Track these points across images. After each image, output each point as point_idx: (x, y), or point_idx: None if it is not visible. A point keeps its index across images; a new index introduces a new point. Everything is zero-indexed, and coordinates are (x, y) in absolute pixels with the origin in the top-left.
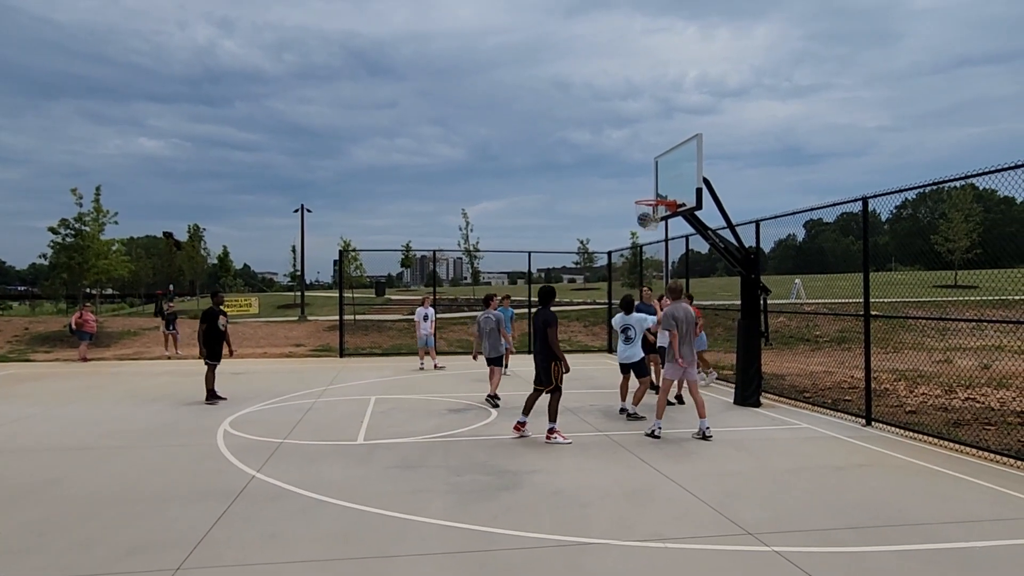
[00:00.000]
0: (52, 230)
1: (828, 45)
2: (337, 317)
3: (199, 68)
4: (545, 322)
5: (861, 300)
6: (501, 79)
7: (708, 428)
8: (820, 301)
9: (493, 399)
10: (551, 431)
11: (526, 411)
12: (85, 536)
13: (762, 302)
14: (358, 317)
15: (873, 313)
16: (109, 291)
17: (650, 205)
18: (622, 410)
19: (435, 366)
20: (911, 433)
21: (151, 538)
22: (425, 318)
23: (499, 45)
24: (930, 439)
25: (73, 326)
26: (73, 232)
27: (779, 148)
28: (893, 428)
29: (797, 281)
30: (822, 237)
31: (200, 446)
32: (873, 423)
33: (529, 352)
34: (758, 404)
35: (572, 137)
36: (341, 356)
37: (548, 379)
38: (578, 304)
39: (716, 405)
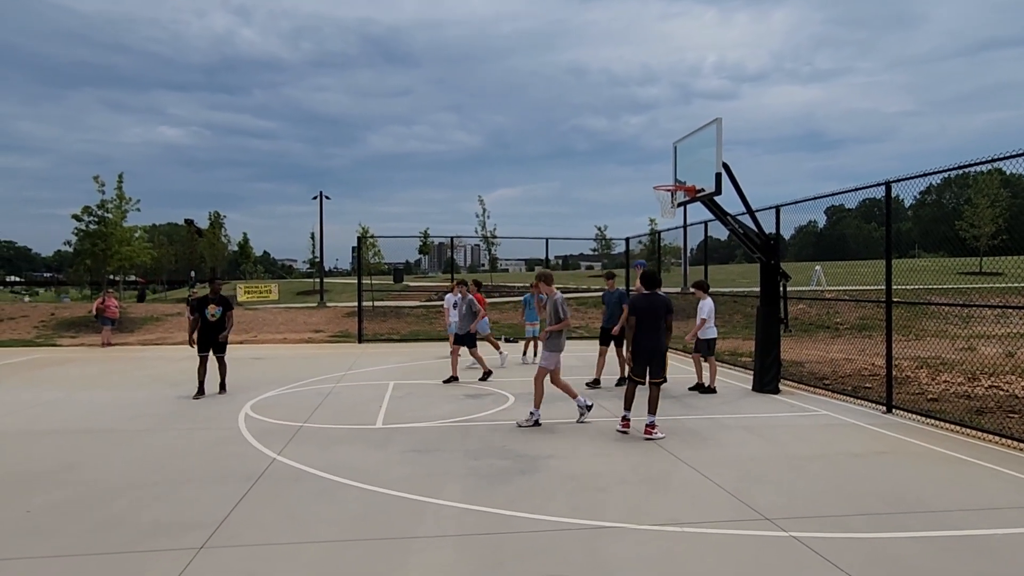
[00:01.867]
0: (76, 217)
1: (849, 29)
2: (356, 303)
3: (217, 56)
4: (667, 309)
5: (883, 287)
6: (516, 66)
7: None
8: (841, 288)
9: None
10: (653, 425)
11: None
12: (110, 516)
13: (782, 289)
14: (376, 303)
15: (895, 300)
16: (132, 278)
17: (669, 191)
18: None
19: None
20: (933, 421)
21: (174, 518)
22: (454, 305)
23: (514, 31)
24: (952, 427)
25: (95, 311)
26: (96, 219)
27: (799, 134)
28: (914, 415)
29: (817, 268)
30: (843, 223)
31: (222, 429)
32: (894, 410)
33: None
34: (777, 391)
35: (588, 124)
36: (360, 342)
37: (660, 371)
38: (596, 291)
39: (734, 392)
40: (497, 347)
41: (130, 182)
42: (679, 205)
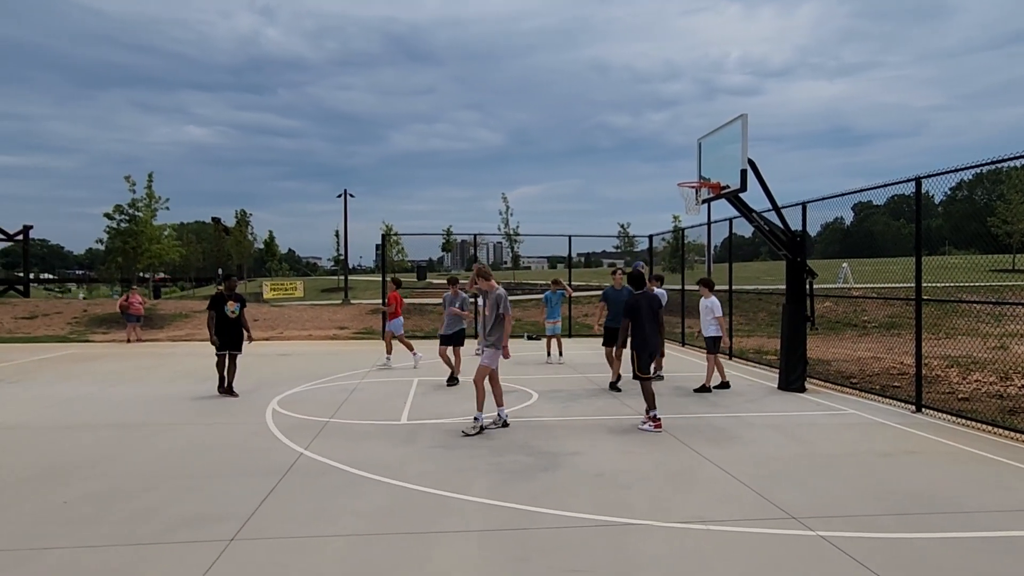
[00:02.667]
0: (108, 216)
1: (876, 22)
2: (380, 300)
3: (242, 57)
4: (660, 305)
5: (912, 284)
6: (538, 63)
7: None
8: (869, 286)
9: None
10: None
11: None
12: (144, 507)
13: (808, 286)
14: None
15: (925, 298)
16: (161, 275)
17: (693, 187)
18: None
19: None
20: (964, 420)
21: (206, 510)
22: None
23: (535, 29)
24: (983, 426)
25: (119, 309)
26: (127, 218)
27: (825, 129)
28: (944, 415)
29: (845, 265)
30: (871, 220)
31: (250, 424)
32: (923, 410)
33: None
34: (803, 389)
35: (611, 121)
36: (383, 339)
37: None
38: None
39: (759, 390)
40: (411, 348)
41: (159, 181)
42: (703, 202)
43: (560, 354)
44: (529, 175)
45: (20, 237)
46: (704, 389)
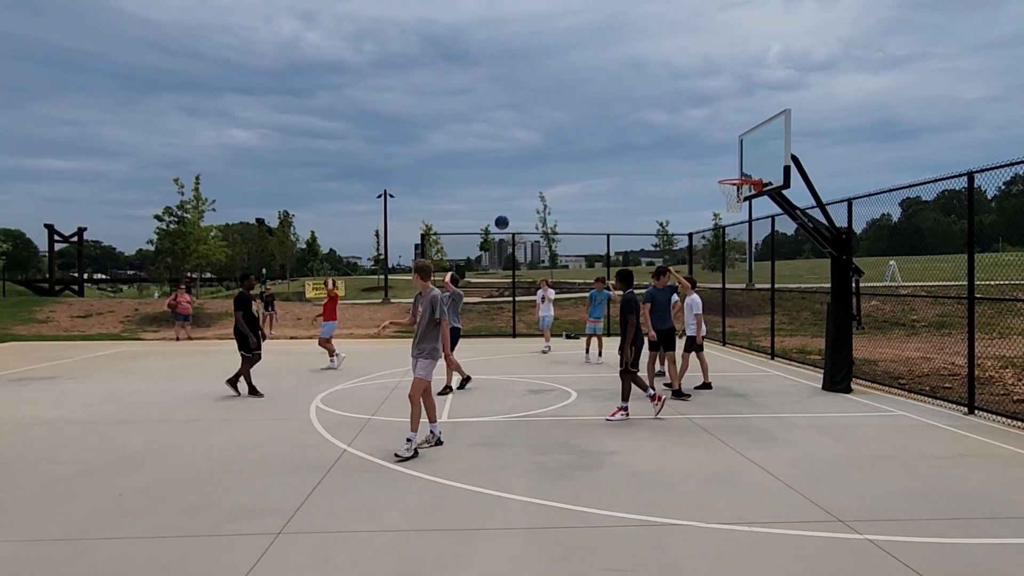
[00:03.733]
0: (158, 217)
1: (924, 12)
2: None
3: (284, 61)
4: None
5: (964, 283)
6: (574, 61)
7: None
8: (917, 284)
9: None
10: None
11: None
12: (194, 500)
13: (854, 285)
14: None
15: (977, 296)
16: (208, 275)
17: (734, 184)
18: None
19: (543, 350)
20: (1019, 423)
21: (253, 504)
22: (543, 299)
23: (571, 27)
24: None
25: (168, 308)
26: (176, 219)
27: (870, 123)
28: (998, 417)
29: (892, 263)
30: (920, 216)
31: (294, 420)
32: (976, 412)
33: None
34: (849, 390)
35: (648, 118)
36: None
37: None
38: None
39: (803, 391)
40: (333, 352)
41: (205, 183)
42: (745, 199)
43: (600, 354)
44: (566, 174)
45: (75, 239)
46: (681, 393)
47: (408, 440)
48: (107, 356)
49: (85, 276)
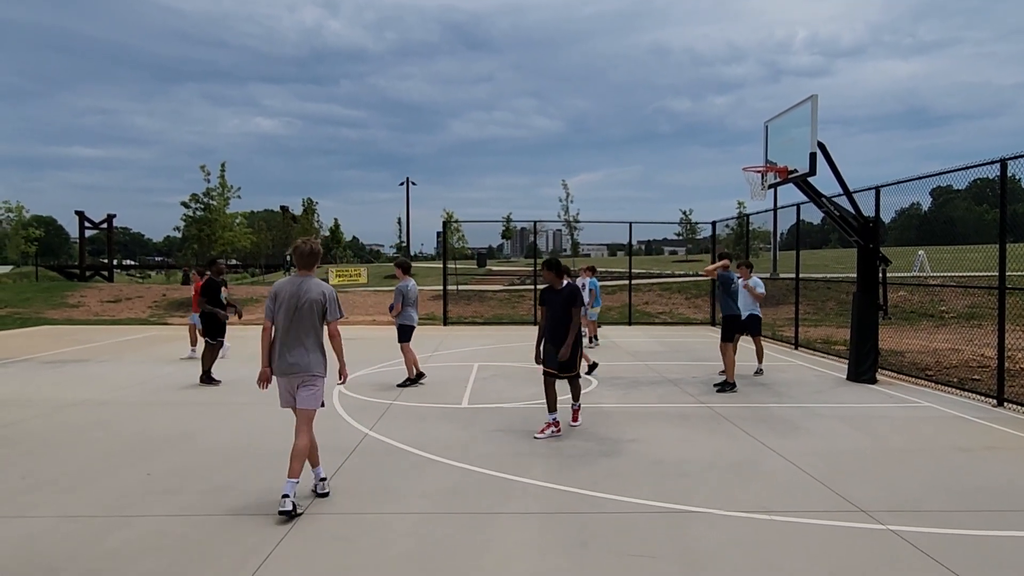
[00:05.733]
0: (185, 204)
1: None
2: (441, 287)
3: (307, 49)
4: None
5: (995, 273)
6: (597, 49)
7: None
8: (947, 274)
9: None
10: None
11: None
12: (221, 482)
13: (881, 274)
14: (460, 287)
15: (1009, 287)
16: (233, 261)
17: (759, 172)
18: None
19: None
20: None
21: (277, 486)
22: (582, 287)
23: (594, 14)
24: None
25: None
26: (202, 206)
27: (899, 111)
28: None
29: (920, 253)
30: (950, 206)
31: None
32: (1005, 404)
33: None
34: (874, 381)
35: (671, 106)
36: (444, 324)
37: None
38: (680, 276)
39: (827, 381)
40: (193, 344)
41: (230, 171)
42: (770, 187)
43: (595, 337)
44: (588, 162)
45: (105, 226)
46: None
47: (284, 496)
48: (136, 340)
49: (114, 262)
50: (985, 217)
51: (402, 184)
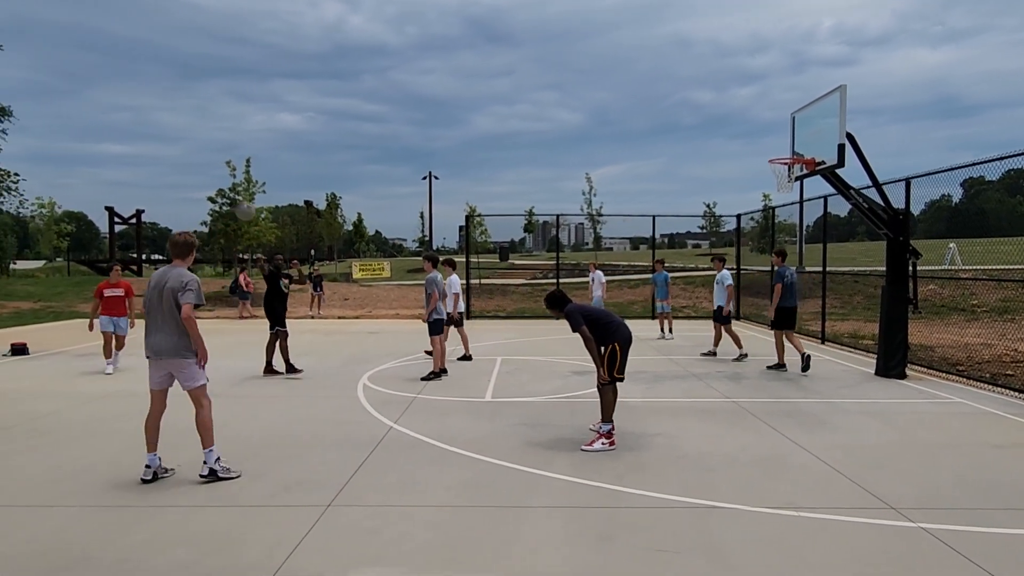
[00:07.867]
0: (211, 200)
1: None
2: (464, 280)
3: (329, 44)
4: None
5: None
6: (619, 40)
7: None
8: (979, 267)
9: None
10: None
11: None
12: (251, 472)
13: (911, 267)
14: (483, 281)
15: None
16: (257, 256)
17: (785, 164)
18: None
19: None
20: None
21: (304, 477)
22: (592, 281)
23: (615, 5)
24: None
25: (243, 285)
26: (228, 201)
27: (928, 100)
28: None
29: (952, 246)
30: (983, 197)
31: (342, 398)
32: None
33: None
34: (903, 376)
35: (694, 97)
36: (468, 318)
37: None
38: (703, 269)
39: (855, 376)
40: (108, 355)
41: (255, 166)
42: (797, 179)
43: (670, 331)
44: (611, 155)
45: (134, 221)
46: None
47: (214, 464)
48: None
49: (143, 256)
50: (1019, 209)
51: (424, 178)
